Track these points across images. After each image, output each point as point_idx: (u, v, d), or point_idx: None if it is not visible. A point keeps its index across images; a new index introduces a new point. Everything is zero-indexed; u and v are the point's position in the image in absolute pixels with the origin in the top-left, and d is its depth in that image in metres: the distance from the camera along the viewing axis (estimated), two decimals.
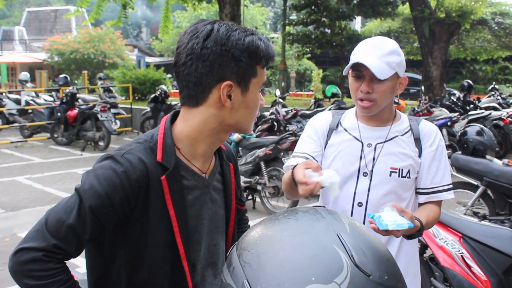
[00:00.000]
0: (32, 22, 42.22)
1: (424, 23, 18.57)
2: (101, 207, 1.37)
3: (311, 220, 1.03)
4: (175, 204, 1.46)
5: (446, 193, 2.19)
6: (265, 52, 1.46)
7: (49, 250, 1.34)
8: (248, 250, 1.02)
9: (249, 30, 1.46)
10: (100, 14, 17.24)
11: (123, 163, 1.41)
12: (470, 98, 13.41)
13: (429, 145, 2.18)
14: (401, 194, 2.15)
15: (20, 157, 11.20)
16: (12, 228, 6.29)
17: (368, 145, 2.16)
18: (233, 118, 1.48)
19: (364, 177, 2.14)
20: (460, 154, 5.87)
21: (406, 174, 2.13)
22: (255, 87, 1.48)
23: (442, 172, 2.18)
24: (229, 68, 1.42)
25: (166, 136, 1.49)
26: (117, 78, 18.84)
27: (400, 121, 2.22)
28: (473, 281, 3.25)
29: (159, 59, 39.62)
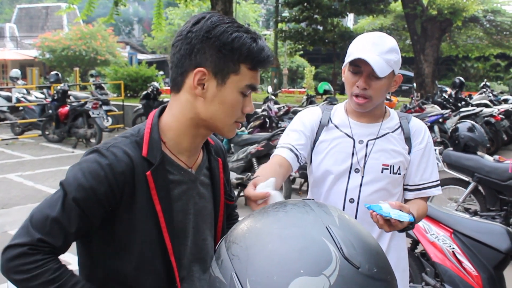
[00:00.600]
0: (23, 19, 41.99)
1: (416, 20, 18.62)
2: (86, 200, 1.37)
3: (300, 213, 1.02)
4: (161, 199, 1.46)
5: (434, 189, 2.21)
6: (253, 53, 1.42)
7: (34, 244, 1.34)
8: (236, 243, 1.01)
9: (245, 28, 1.44)
10: (91, 11, 17.17)
11: (108, 156, 1.41)
12: (461, 95, 13.48)
13: (418, 142, 2.19)
14: (391, 190, 2.17)
15: (11, 154, 11.15)
16: (3, 226, 6.26)
17: (360, 141, 2.15)
18: (207, 111, 1.46)
19: (356, 174, 2.14)
20: (451, 151, 5.89)
21: (397, 170, 2.15)
22: (234, 84, 1.43)
23: (431, 168, 2.21)
24: (208, 56, 1.42)
25: (153, 131, 1.49)
26: (109, 75, 18.78)
27: (390, 117, 2.23)
28: (464, 277, 3.26)
29: (151, 56, 39.54)
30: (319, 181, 2.21)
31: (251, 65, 1.43)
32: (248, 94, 1.48)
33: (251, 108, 1.50)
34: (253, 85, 1.46)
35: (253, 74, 1.45)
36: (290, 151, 2.11)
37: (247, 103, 1.48)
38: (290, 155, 2.10)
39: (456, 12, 18.49)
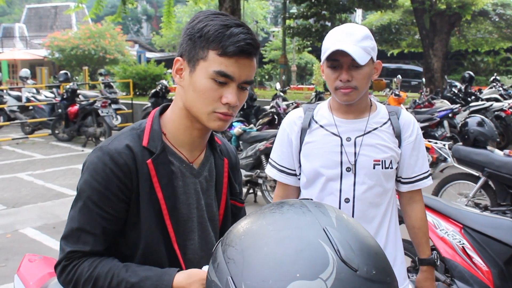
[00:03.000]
0: (33, 19, 42.18)
1: (425, 14, 18.52)
2: (102, 199, 1.43)
3: (297, 214, 1.00)
4: (163, 187, 1.48)
5: (426, 180, 2.26)
6: (220, 38, 1.38)
7: (67, 257, 1.45)
8: (232, 246, 0.99)
9: (224, 18, 1.42)
10: (100, 10, 17.20)
11: (109, 151, 1.45)
12: (471, 90, 13.38)
13: (408, 135, 2.20)
14: (385, 186, 2.17)
15: (21, 153, 11.21)
16: (13, 225, 6.30)
17: (347, 139, 2.13)
18: (186, 99, 1.47)
19: (347, 172, 2.12)
20: (461, 145, 5.85)
21: (389, 165, 2.15)
22: (202, 71, 1.41)
23: (422, 160, 2.24)
24: (184, 46, 1.46)
25: (154, 123, 1.53)
26: (118, 74, 18.82)
27: (377, 111, 2.20)
28: (474, 272, 3.24)
29: (159, 54, 39.60)
30: (311, 182, 2.20)
31: (220, 51, 1.38)
32: (227, 83, 1.42)
33: (229, 99, 1.41)
34: (223, 72, 1.39)
35: (224, 60, 1.39)
36: (288, 174, 2.26)
37: (225, 93, 1.42)
38: (291, 180, 2.27)
39: (465, 6, 18.37)
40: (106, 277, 1.39)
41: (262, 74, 31.41)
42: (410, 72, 27.88)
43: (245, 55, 1.40)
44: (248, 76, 1.44)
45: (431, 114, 9.92)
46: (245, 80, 1.44)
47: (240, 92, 1.45)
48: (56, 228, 6.21)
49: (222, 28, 1.39)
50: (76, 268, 1.43)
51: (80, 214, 1.45)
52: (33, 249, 5.39)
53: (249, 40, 1.39)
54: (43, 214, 6.70)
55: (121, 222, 1.47)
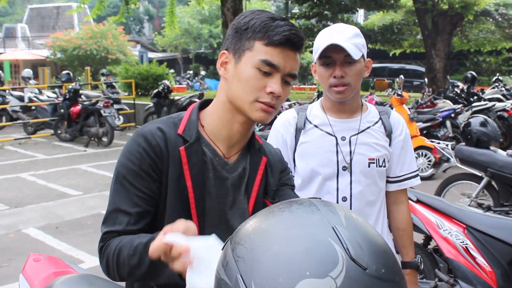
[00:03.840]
0: (35, 19, 42.21)
1: (427, 15, 18.51)
2: (137, 178, 1.45)
3: (306, 213, 0.99)
4: (193, 176, 1.48)
5: (414, 179, 2.30)
6: (266, 27, 1.41)
7: (103, 239, 1.47)
8: (241, 244, 0.99)
9: (270, 13, 1.46)
10: (102, 10, 17.22)
11: (143, 133, 1.49)
12: (474, 90, 13.36)
13: (398, 134, 2.24)
14: (379, 184, 2.21)
15: (24, 153, 11.23)
16: (16, 225, 6.31)
17: (342, 138, 2.16)
18: (229, 91, 1.48)
19: (344, 171, 2.15)
20: (464, 146, 5.85)
21: (382, 163, 2.18)
22: (248, 60, 1.43)
23: (409, 159, 2.28)
24: (230, 39, 1.49)
25: (192, 113, 1.55)
26: (120, 74, 18.84)
27: (368, 111, 2.24)
28: (477, 272, 3.24)
29: (161, 54, 39.60)
30: (307, 183, 2.21)
31: (266, 40, 1.41)
32: (271, 73, 1.43)
33: (274, 89, 1.42)
34: (269, 61, 1.41)
35: (270, 50, 1.41)
36: None
37: (269, 82, 1.43)
38: None
39: (467, 6, 18.36)
40: (127, 245, 1.39)
41: None
42: (412, 72, 27.84)
43: (291, 46, 1.42)
44: (292, 68, 1.45)
45: (434, 114, 9.91)
46: (289, 71, 1.45)
47: (284, 86, 1.46)
48: (59, 228, 6.22)
49: (268, 20, 1.43)
50: (108, 246, 1.44)
51: (116, 195, 1.47)
52: (36, 249, 5.40)
53: (294, 31, 1.42)
54: (46, 214, 6.71)
55: (155, 203, 1.48)
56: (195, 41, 38.42)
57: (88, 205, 7.15)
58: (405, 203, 2.33)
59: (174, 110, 13.44)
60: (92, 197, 7.56)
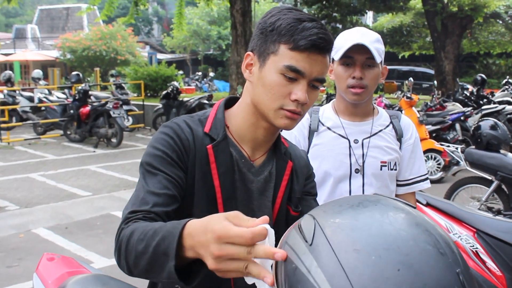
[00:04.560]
0: (45, 20, 42.43)
1: (436, 17, 18.46)
2: (164, 163, 1.37)
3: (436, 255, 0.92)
4: (220, 175, 1.43)
5: (423, 183, 2.31)
6: (292, 31, 1.33)
7: (126, 220, 1.28)
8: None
9: (298, 13, 1.38)
10: (112, 11, 17.32)
11: (172, 126, 1.44)
12: (483, 93, 13.30)
13: (408, 138, 2.27)
14: (390, 187, 2.23)
15: (33, 154, 11.29)
16: (26, 224, 6.35)
17: (355, 141, 2.18)
18: (254, 95, 1.42)
19: (356, 174, 2.17)
20: (473, 149, 5.83)
21: (393, 166, 2.21)
22: (272, 65, 1.36)
23: (419, 162, 2.29)
24: (256, 41, 1.42)
25: (218, 111, 1.50)
26: (129, 75, 18.90)
27: (379, 115, 2.26)
28: (487, 276, 3.23)
29: (170, 55, 39.69)
30: (320, 185, 2.18)
31: (291, 45, 1.33)
32: (296, 78, 1.35)
33: (298, 96, 1.34)
34: (294, 66, 1.33)
35: (295, 55, 1.33)
36: None
37: (294, 89, 1.35)
38: None
39: (477, 8, 18.28)
40: (140, 229, 1.22)
41: None
42: (422, 74, 27.74)
43: (317, 50, 1.34)
44: (319, 73, 1.37)
45: (443, 117, 9.88)
46: (316, 77, 1.37)
47: (311, 90, 1.38)
48: (68, 228, 6.25)
49: (294, 22, 1.34)
50: (125, 229, 1.26)
51: (142, 182, 1.37)
52: (45, 249, 5.43)
53: (321, 35, 1.33)
54: (56, 215, 6.75)
55: (182, 191, 1.39)
56: (204, 42, 38.47)
57: (97, 206, 7.18)
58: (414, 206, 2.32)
59: (183, 111, 13.47)
60: (101, 197, 7.60)
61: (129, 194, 7.82)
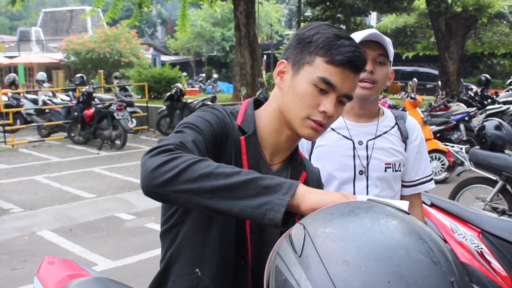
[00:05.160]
0: (49, 23, 42.56)
1: (441, 17, 18.43)
2: (206, 130, 1.38)
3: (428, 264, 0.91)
4: (250, 167, 1.45)
5: (429, 183, 2.31)
6: (330, 45, 1.37)
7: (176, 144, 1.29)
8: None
9: (337, 30, 1.41)
10: (116, 14, 17.37)
11: (217, 108, 1.48)
12: (487, 93, 13.27)
13: (413, 139, 2.26)
14: (394, 188, 2.22)
15: (38, 156, 11.30)
16: (31, 227, 6.35)
17: (359, 142, 2.15)
18: (282, 101, 1.45)
19: (360, 176, 2.15)
20: (478, 149, 5.81)
21: (398, 168, 2.20)
22: (306, 75, 1.39)
23: (424, 163, 2.29)
24: (292, 50, 1.45)
25: (249, 107, 1.53)
26: (133, 77, 18.93)
27: (385, 116, 2.25)
28: (492, 277, 3.21)
29: (174, 57, 39.76)
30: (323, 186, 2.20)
31: (328, 58, 1.36)
32: (327, 91, 1.38)
33: (327, 108, 1.38)
34: (327, 79, 1.36)
35: (330, 68, 1.37)
36: None
37: (323, 101, 1.39)
38: None
39: (481, 9, 18.25)
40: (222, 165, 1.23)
41: None
42: (426, 75, 27.70)
43: (351, 68, 1.38)
44: (349, 89, 1.41)
45: (447, 117, 9.85)
46: (346, 93, 1.40)
47: (338, 105, 1.41)
48: (72, 230, 6.25)
49: (333, 37, 1.38)
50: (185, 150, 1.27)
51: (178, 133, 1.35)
52: (50, 252, 5.44)
53: (358, 53, 1.38)
54: (60, 217, 6.75)
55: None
56: (207, 44, 38.53)
57: (101, 208, 7.19)
58: (419, 207, 2.34)
59: (186, 113, 13.49)
60: (105, 199, 7.60)
61: (133, 196, 7.83)
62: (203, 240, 1.47)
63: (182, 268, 1.50)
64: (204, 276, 1.47)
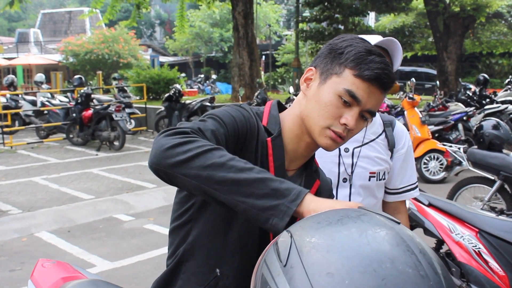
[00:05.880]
0: (47, 24, 42.54)
1: (439, 17, 18.44)
2: (230, 125, 1.39)
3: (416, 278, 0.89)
4: (276, 168, 1.46)
5: (413, 191, 2.27)
6: (360, 59, 1.37)
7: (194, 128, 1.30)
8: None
9: (370, 46, 1.41)
10: (114, 15, 17.38)
11: (244, 107, 1.48)
12: (486, 92, 13.27)
13: (400, 147, 2.21)
14: (377, 196, 2.19)
15: (36, 157, 11.30)
16: (29, 228, 6.35)
17: (345, 150, 2.11)
18: (305, 108, 1.45)
19: (344, 183, 2.12)
20: (476, 149, 5.81)
21: (382, 176, 2.16)
22: (333, 85, 1.39)
23: (410, 171, 2.25)
24: (322, 58, 1.46)
25: (273, 109, 1.54)
26: (132, 78, 18.93)
27: (373, 122, 2.18)
28: (490, 276, 3.21)
29: (172, 58, 39.77)
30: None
31: (357, 72, 1.36)
32: (351, 104, 1.38)
33: (348, 121, 1.37)
34: (353, 92, 1.36)
35: (357, 82, 1.37)
36: None
37: (346, 114, 1.38)
38: None
39: (479, 8, 18.27)
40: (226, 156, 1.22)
41: (275, 77, 31.45)
42: (424, 75, 27.71)
43: (379, 85, 1.38)
44: (373, 106, 1.41)
45: (445, 117, 9.86)
46: (369, 108, 1.40)
47: (359, 120, 1.41)
48: (71, 232, 6.25)
49: (365, 52, 1.38)
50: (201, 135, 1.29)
51: (201, 122, 1.36)
52: (48, 253, 5.43)
53: (387, 71, 1.38)
54: (58, 218, 6.75)
55: None
56: (206, 45, 38.54)
57: (100, 209, 7.18)
58: (404, 214, 2.30)
59: (185, 114, 13.49)
60: (104, 201, 7.59)
61: (132, 197, 7.82)
62: (222, 241, 1.46)
63: (196, 267, 1.49)
64: (224, 277, 1.47)
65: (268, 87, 24.04)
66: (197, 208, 1.47)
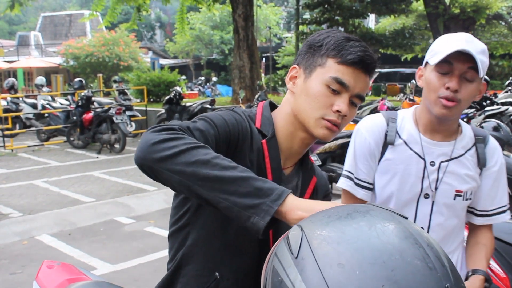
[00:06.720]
0: (48, 27, 42.59)
1: (439, 19, 18.46)
2: (221, 128, 1.40)
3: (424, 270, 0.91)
4: (273, 170, 1.48)
5: (504, 214, 2.02)
6: (340, 46, 1.41)
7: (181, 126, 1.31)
8: None
9: (347, 35, 1.46)
10: (114, 18, 17.40)
11: (237, 111, 1.50)
12: (486, 94, 13.28)
13: (492, 165, 1.97)
14: (461, 216, 2.00)
15: (37, 160, 11.30)
16: (30, 231, 6.35)
17: (431, 163, 1.91)
18: (295, 104, 1.48)
19: (425, 200, 1.93)
20: None
21: (469, 196, 1.95)
22: (318, 76, 1.43)
23: (502, 192, 2.01)
24: (303, 55, 1.50)
25: (265, 110, 1.55)
26: (132, 81, 18.94)
27: (463, 134, 1.96)
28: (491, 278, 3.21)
29: (173, 61, 39.81)
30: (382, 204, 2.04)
31: (340, 59, 1.41)
32: (340, 91, 1.41)
33: (341, 108, 1.41)
34: (339, 78, 1.40)
35: (342, 68, 1.41)
36: (368, 190, 2.00)
37: (337, 101, 1.42)
38: (369, 195, 2.01)
39: (479, 10, 18.29)
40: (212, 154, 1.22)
41: (275, 80, 31.44)
42: None
43: (363, 67, 1.42)
44: (361, 89, 1.44)
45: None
46: (358, 93, 1.44)
47: (351, 107, 1.45)
48: (71, 234, 6.25)
49: (343, 39, 1.43)
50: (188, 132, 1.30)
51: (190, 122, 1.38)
52: (49, 256, 5.43)
53: (368, 53, 1.42)
54: (59, 221, 6.75)
55: None
56: (206, 47, 38.59)
57: (100, 212, 7.18)
58: (490, 240, 2.06)
59: (185, 116, 13.49)
60: (104, 203, 7.59)
61: (132, 200, 7.81)
62: (220, 244, 1.47)
63: (195, 270, 1.50)
64: (224, 279, 1.48)
65: (269, 89, 24.04)
66: (193, 212, 1.48)
